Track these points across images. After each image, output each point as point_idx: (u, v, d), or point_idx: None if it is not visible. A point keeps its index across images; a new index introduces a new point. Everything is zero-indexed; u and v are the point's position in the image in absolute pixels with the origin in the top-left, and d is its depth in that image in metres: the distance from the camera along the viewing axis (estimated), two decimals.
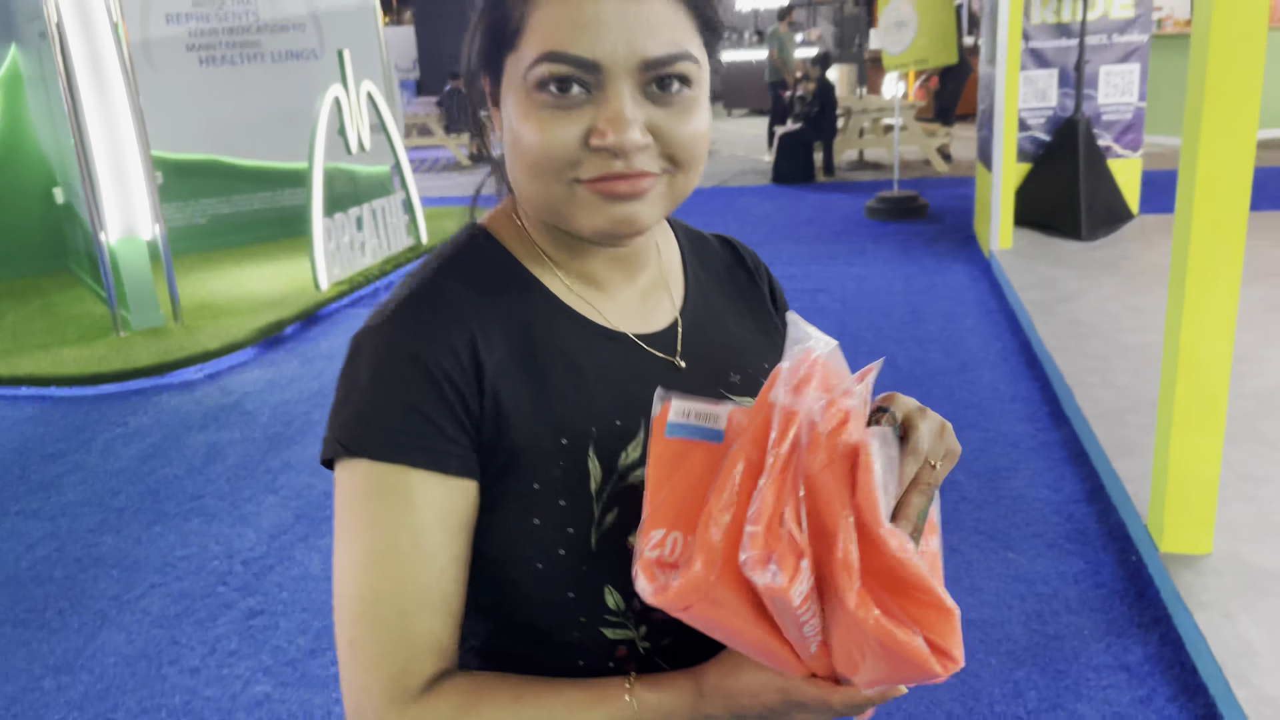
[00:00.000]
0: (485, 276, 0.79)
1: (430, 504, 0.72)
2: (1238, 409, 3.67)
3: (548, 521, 0.74)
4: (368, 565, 0.72)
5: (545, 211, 0.76)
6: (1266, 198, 7.58)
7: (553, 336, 0.79)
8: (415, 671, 0.72)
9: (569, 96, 0.70)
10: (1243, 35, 2.39)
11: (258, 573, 3.22)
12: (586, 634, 0.76)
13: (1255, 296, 5.01)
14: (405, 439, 0.72)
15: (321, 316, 6.25)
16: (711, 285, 0.92)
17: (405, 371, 0.73)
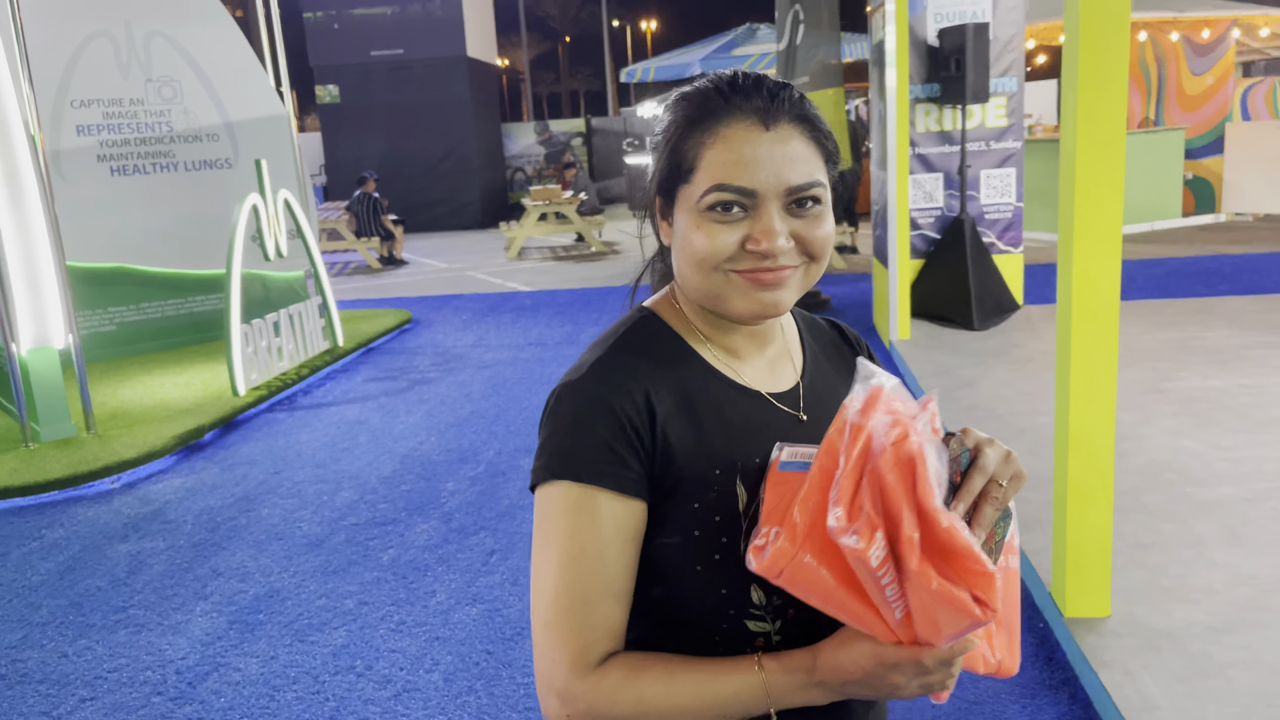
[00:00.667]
0: (654, 347, 1.03)
1: (613, 518, 0.94)
2: (1123, 484, 3.98)
3: (705, 533, 0.95)
4: (563, 564, 0.93)
5: (705, 297, 0.99)
6: (1136, 289, 8.21)
7: (706, 393, 1.01)
8: (595, 648, 0.93)
9: (731, 214, 0.94)
10: (1104, 142, 2.73)
11: (192, 681, 3.19)
12: (733, 625, 0.96)
13: (1132, 379, 5.42)
14: (597, 466, 0.94)
15: (240, 422, 6.22)
16: (823, 356, 1.15)
17: (599, 414, 0.95)
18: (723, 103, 0.95)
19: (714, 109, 0.95)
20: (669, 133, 0.98)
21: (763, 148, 0.93)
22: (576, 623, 0.93)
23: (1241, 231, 11.52)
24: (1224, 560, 3.27)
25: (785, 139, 0.93)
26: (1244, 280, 8.34)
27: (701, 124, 0.95)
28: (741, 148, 0.93)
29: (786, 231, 0.94)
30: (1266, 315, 6.71)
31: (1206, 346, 6.03)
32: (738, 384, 1.04)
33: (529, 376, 6.96)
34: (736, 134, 0.93)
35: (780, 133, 0.93)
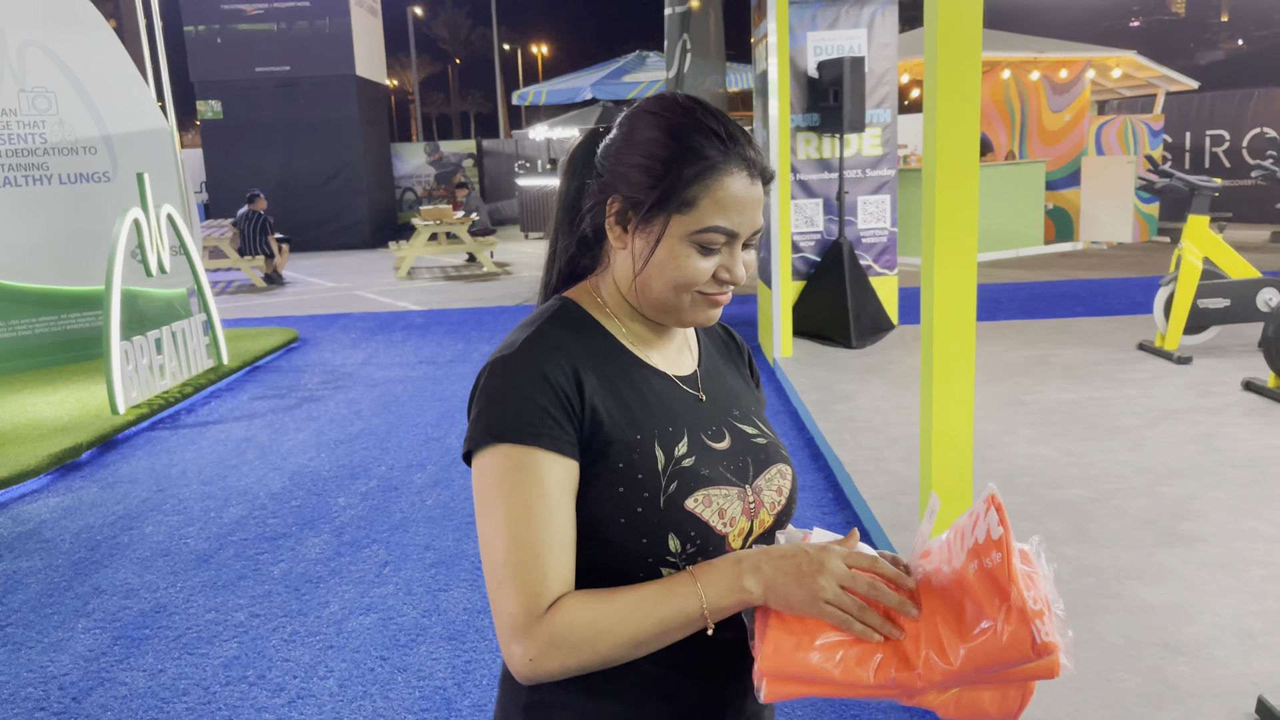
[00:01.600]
0: (576, 328, 1.15)
1: (553, 475, 1.04)
2: None
3: (629, 489, 1.07)
4: (511, 521, 1.03)
5: (657, 306, 1.14)
6: (1001, 310, 8.72)
7: (624, 371, 1.15)
8: (546, 596, 1.02)
9: (714, 248, 1.10)
10: (960, 175, 2.99)
11: (76, 696, 3.14)
12: (650, 572, 1.07)
13: (996, 393, 5.79)
14: (535, 429, 1.04)
15: (120, 440, 6.06)
16: (715, 351, 1.31)
17: (535, 382, 1.06)
18: (723, 151, 1.09)
19: (716, 155, 1.08)
20: (670, 161, 1.09)
21: (749, 199, 1.09)
22: (530, 575, 1.01)
23: (1096, 258, 12.32)
24: (1072, 554, 3.56)
25: (760, 191, 1.11)
26: (1097, 303, 8.94)
27: (706, 165, 1.08)
28: (737, 197, 1.08)
29: (745, 261, 1.13)
30: (1115, 334, 7.24)
31: (1063, 363, 6.48)
32: (649, 365, 1.18)
33: (421, 394, 6.97)
34: (736, 184, 1.08)
35: (759, 185, 1.11)
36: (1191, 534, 3.67)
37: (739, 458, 1.16)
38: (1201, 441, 4.72)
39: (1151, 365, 6.27)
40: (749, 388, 1.33)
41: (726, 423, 1.19)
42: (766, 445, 1.22)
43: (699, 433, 1.15)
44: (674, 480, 1.08)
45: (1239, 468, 4.33)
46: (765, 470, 1.18)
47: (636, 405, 1.12)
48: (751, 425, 1.23)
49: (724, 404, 1.23)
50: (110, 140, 8.19)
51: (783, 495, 1.19)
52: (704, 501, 1.09)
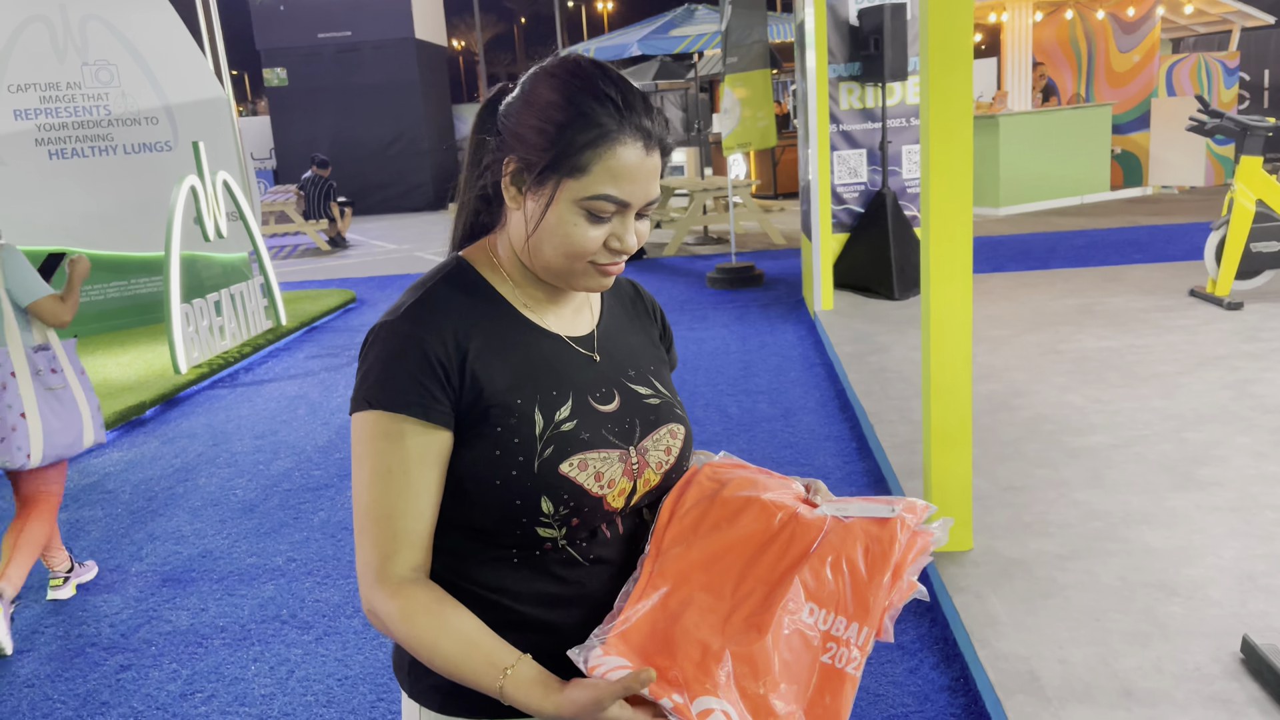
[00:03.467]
0: (466, 292, 1.16)
1: (416, 444, 1.08)
2: (1009, 435, 4.28)
3: (505, 452, 1.10)
4: (371, 482, 1.08)
5: (550, 272, 1.14)
6: (1056, 258, 8.55)
7: (513, 335, 1.16)
8: (397, 556, 1.08)
9: (604, 217, 1.09)
10: (953, 124, 2.98)
11: (125, 632, 3.39)
12: (525, 531, 1.11)
13: (1034, 341, 5.73)
14: (405, 397, 1.07)
15: (181, 399, 6.37)
16: (619, 309, 1.31)
17: (410, 352, 1.08)
18: (618, 119, 1.07)
19: (611, 122, 1.06)
20: (564, 125, 1.07)
21: (643, 169, 1.08)
22: (381, 533, 1.07)
23: (1165, 203, 11.94)
24: (1083, 499, 3.57)
25: (655, 161, 1.10)
26: (1157, 249, 8.71)
27: (600, 131, 1.06)
28: (630, 167, 1.07)
29: (636, 231, 1.12)
30: (1168, 281, 7.07)
31: (1108, 311, 6.36)
32: (539, 327, 1.18)
33: None
34: (629, 153, 1.07)
35: (654, 155, 1.09)
36: (1209, 479, 3.64)
37: (625, 419, 1.18)
38: (1237, 388, 4.63)
39: (1200, 311, 6.13)
40: (653, 346, 1.33)
41: (618, 384, 1.21)
42: (659, 406, 1.23)
43: (586, 395, 1.16)
44: (550, 444, 1.11)
45: (1270, 413, 4.26)
46: (654, 431, 1.20)
47: (521, 370, 1.14)
48: (646, 385, 1.24)
49: (619, 364, 1.23)
50: (170, 110, 8.48)
51: (671, 455, 1.22)
52: (579, 465, 1.11)
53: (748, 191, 11.08)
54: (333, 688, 2.97)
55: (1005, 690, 2.48)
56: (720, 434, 4.94)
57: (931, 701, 2.67)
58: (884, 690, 2.74)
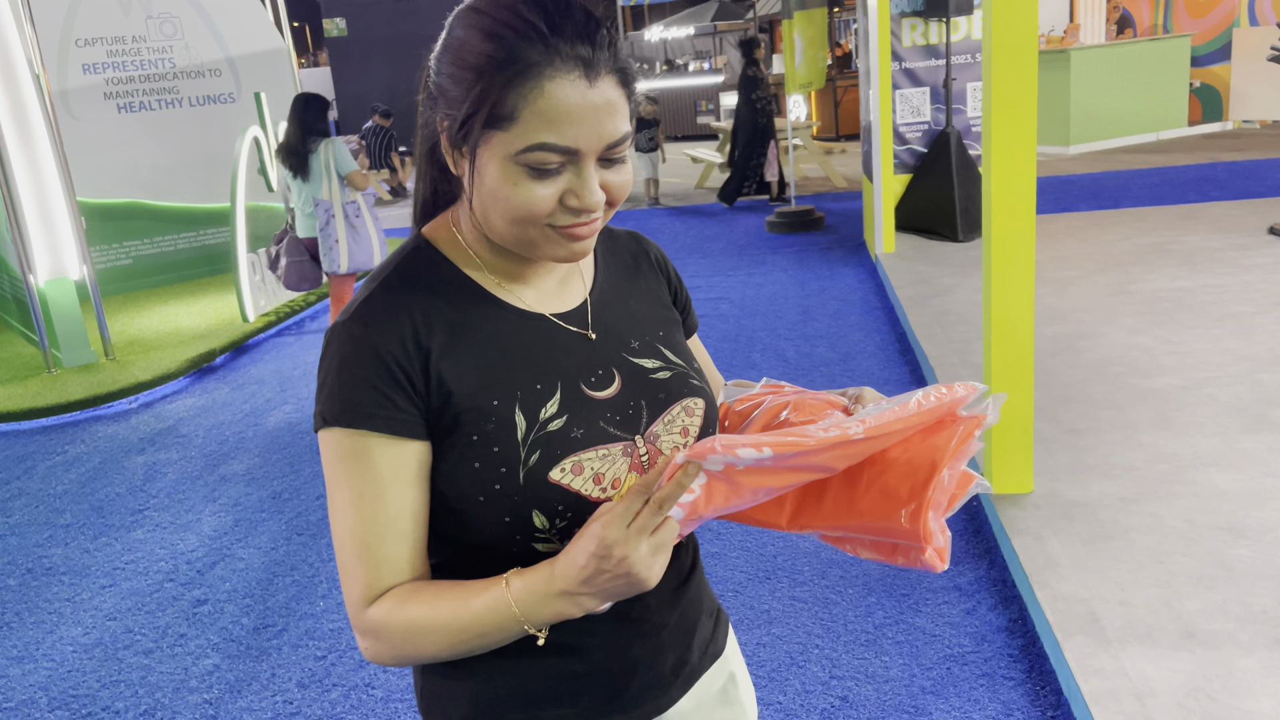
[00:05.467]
0: (427, 278, 1.00)
1: (386, 461, 0.93)
2: (1073, 377, 4.19)
3: (485, 465, 0.94)
4: (342, 509, 0.94)
5: (513, 244, 0.96)
6: (1129, 197, 8.29)
7: (483, 321, 0.99)
8: (378, 585, 0.94)
9: (549, 171, 0.90)
10: (1015, 65, 2.89)
11: (201, 569, 3.52)
12: (521, 549, 0.96)
13: (1103, 282, 5.58)
14: (365, 410, 0.92)
15: (250, 346, 6.53)
16: (618, 269, 1.13)
17: (363, 358, 0.93)
18: (543, 47, 0.88)
19: (534, 55, 0.87)
20: (481, 67, 0.89)
21: (586, 105, 0.88)
22: (361, 564, 0.93)
23: (1247, 139, 11.46)
24: (1149, 441, 3.49)
25: (604, 92, 0.89)
26: (1236, 186, 8.38)
27: (521, 67, 0.88)
28: (567, 105, 0.88)
29: (600, 181, 0.92)
30: (1247, 218, 6.81)
31: (1182, 250, 6.16)
32: (517, 308, 1.01)
33: None
34: (561, 89, 0.87)
35: (601, 87, 0.89)
36: None
37: (629, 403, 1.02)
38: None
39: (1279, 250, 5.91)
40: (661, 307, 1.15)
41: (619, 360, 1.04)
42: (669, 380, 1.06)
43: (578, 382, 1.00)
44: (536, 449, 0.95)
45: None
46: (666, 411, 1.04)
47: (496, 363, 0.98)
48: (653, 356, 1.07)
49: (620, 336, 1.06)
50: (233, 62, 8.58)
51: (689, 436, 1.05)
52: (573, 469, 0.95)
53: (809, 133, 10.89)
54: None
55: (1064, 631, 2.46)
56: (778, 379, 4.91)
57: (989, 642, 2.67)
58: (940, 631, 2.74)
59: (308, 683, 2.80)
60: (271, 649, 2.98)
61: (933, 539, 0.93)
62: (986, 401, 0.96)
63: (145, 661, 2.97)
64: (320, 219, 5.29)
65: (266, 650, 2.98)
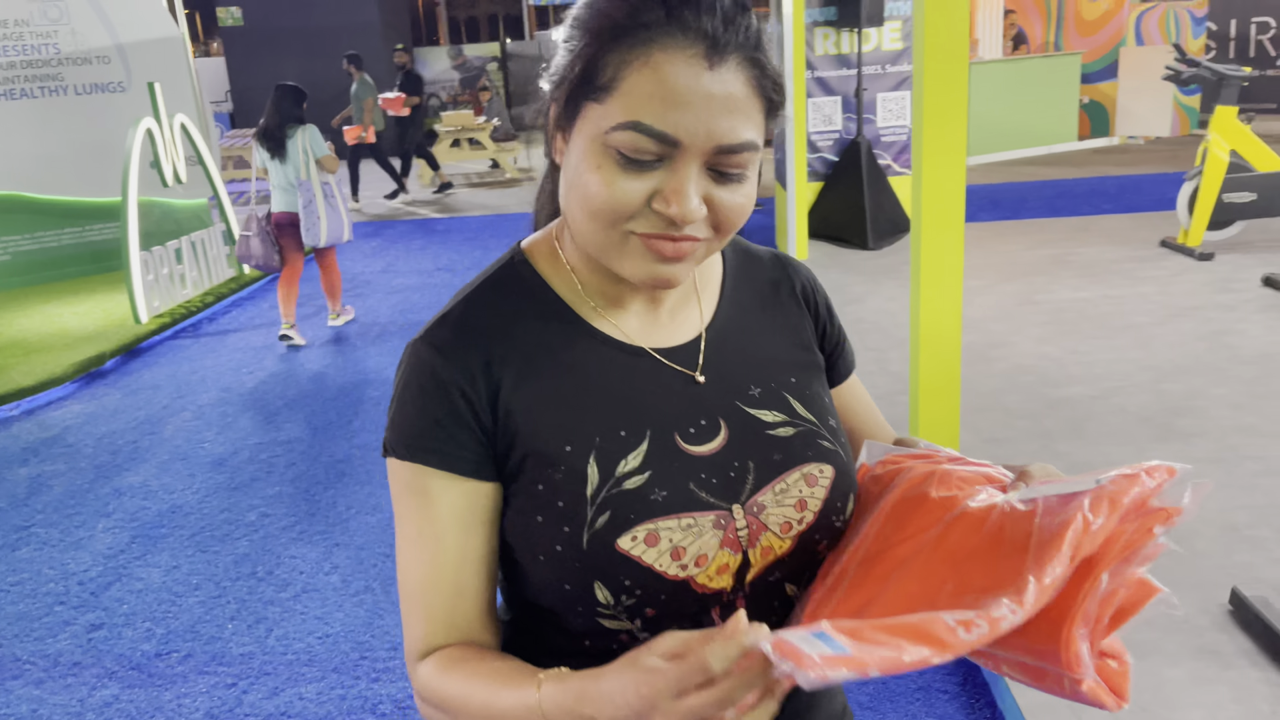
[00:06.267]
0: (514, 300, 0.88)
1: (447, 502, 0.83)
2: (988, 386, 4.27)
3: (547, 519, 0.82)
4: (404, 546, 0.85)
5: (595, 249, 0.82)
6: (1026, 209, 8.55)
7: (570, 353, 0.86)
8: (430, 641, 0.84)
9: (642, 162, 0.76)
10: (947, 72, 2.91)
11: (95, 591, 3.30)
12: (587, 621, 0.83)
13: (1010, 292, 5.73)
14: (424, 443, 0.83)
15: (143, 349, 6.20)
16: (750, 299, 0.96)
17: (428, 386, 0.83)
18: (663, 15, 0.75)
19: (651, 21, 0.75)
20: (595, 28, 0.77)
21: (700, 89, 0.74)
22: (416, 613, 0.84)
23: (1132, 153, 11.98)
24: (1065, 450, 3.57)
25: (728, 82, 0.75)
26: (1125, 199, 8.73)
27: (631, 34, 0.75)
28: (675, 83, 0.74)
29: (702, 195, 0.77)
30: (1139, 231, 7.09)
31: (1081, 261, 6.37)
32: (614, 339, 0.87)
33: (438, 301, 7.03)
34: (673, 63, 0.74)
35: (724, 73, 0.75)
36: (1189, 430, 3.66)
37: (732, 463, 0.85)
38: (1212, 339, 4.66)
39: (1172, 262, 6.16)
40: (799, 348, 0.96)
41: (729, 410, 0.88)
42: (791, 439, 0.88)
43: (672, 433, 0.85)
44: (605, 510, 0.81)
45: (1246, 364, 4.29)
46: (780, 476, 0.86)
47: (573, 402, 0.85)
48: (776, 408, 0.89)
49: (736, 381, 0.90)
50: (123, 49, 8.17)
51: (808, 509, 0.86)
52: (647, 539, 0.80)
53: None
54: (313, 645, 2.92)
55: None
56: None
57: None
58: None
59: (217, 713, 2.64)
60: (176, 676, 2.80)
61: (1084, 667, 0.69)
62: (1185, 488, 0.73)
63: (36, 693, 2.76)
64: (303, 198, 5.79)
65: (170, 678, 2.80)
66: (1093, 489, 0.72)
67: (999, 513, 0.77)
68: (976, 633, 0.63)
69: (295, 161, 5.79)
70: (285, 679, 2.76)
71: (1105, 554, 0.70)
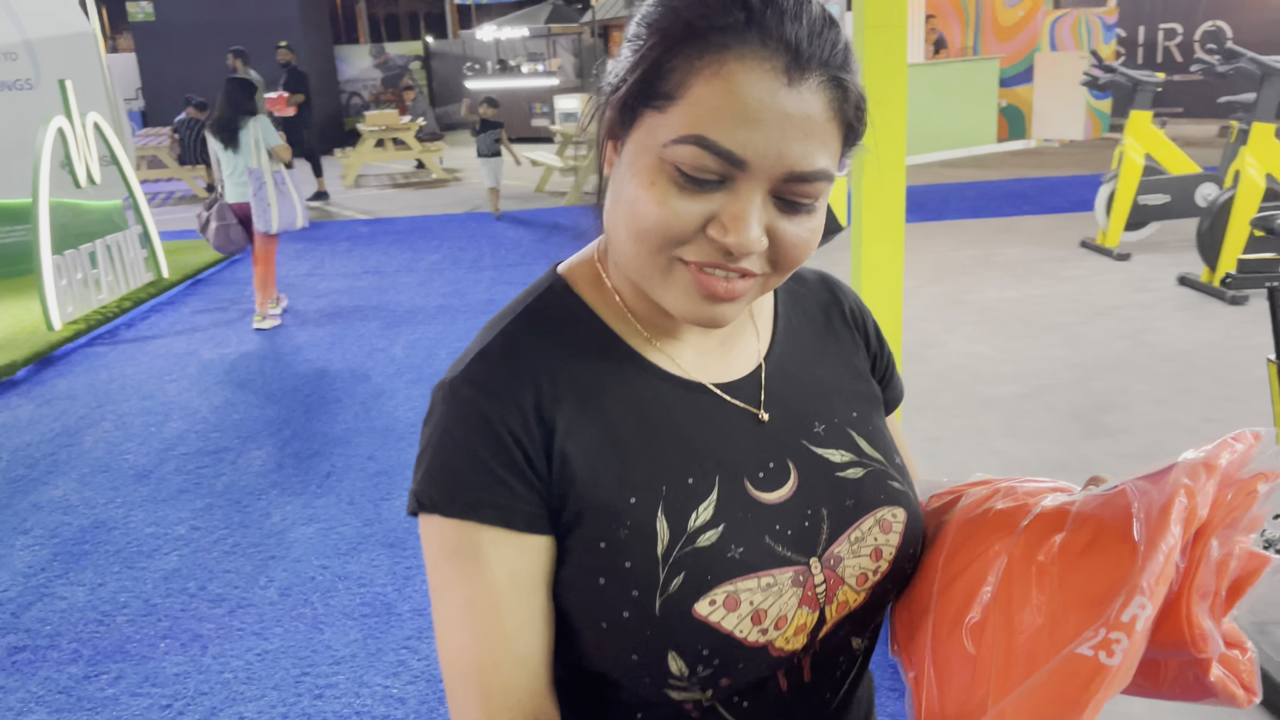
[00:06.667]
0: (559, 330, 0.78)
1: (502, 562, 0.72)
2: (922, 385, 4.35)
3: (612, 582, 0.72)
4: (449, 619, 0.74)
5: (637, 274, 0.74)
6: (950, 210, 8.74)
7: (626, 389, 0.77)
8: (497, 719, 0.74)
9: (702, 182, 0.68)
10: (888, 74, 2.95)
11: (15, 611, 3.15)
12: (653, 693, 0.75)
13: (939, 292, 5.84)
14: (473, 496, 0.72)
15: (57, 357, 5.96)
16: (804, 326, 0.88)
17: (475, 430, 0.73)
18: (743, 19, 0.66)
19: (728, 24, 0.66)
20: (665, 28, 0.69)
21: (776, 106, 0.66)
22: (472, 694, 0.74)
23: (1048, 156, 12.34)
24: (1000, 448, 3.65)
25: (807, 102, 0.67)
26: (1045, 200, 8.99)
27: (704, 38, 0.66)
28: (749, 96, 0.65)
29: (763, 226, 0.69)
30: (1059, 232, 7.30)
31: (1005, 261, 6.54)
32: (671, 374, 0.79)
33: (365, 305, 6.90)
34: (749, 74, 0.65)
35: (804, 91, 0.66)
36: (1116, 426, 3.77)
37: (805, 511, 0.78)
38: (1133, 336, 4.81)
39: (1092, 262, 6.35)
40: (855, 376, 0.89)
41: (797, 450, 0.80)
42: (861, 480, 0.81)
43: (742, 478, 0.77)
44: (679, 570, 0.72)
45: (1166, 361, 4.44)
46: (856, 523, 0.79)
47: (634, 447, 0.76)
48: (842, 447, 0.82)
49: (800, 418, 0.82)
50: (31, 45, 7.84)
51: (883, 559, 0.79)
52: (727, 603, 0.72)
53: None
54: (252, 663, 2.83)
55: None
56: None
57: None
58: None
59: None
60: (107, 700, 2.69)
61: (1209, 642, 0.63)
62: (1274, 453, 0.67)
63: None
64: (253, 185, 5.90)
65: (101, 701, 2.68)
66: (1182, 462, 0.67)
67: (1081, 508, 0.71)
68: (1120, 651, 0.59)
69: (248, 152, 5.92)
70: (223, 698, 2.67)
71: (1211, 521, 0.65)
